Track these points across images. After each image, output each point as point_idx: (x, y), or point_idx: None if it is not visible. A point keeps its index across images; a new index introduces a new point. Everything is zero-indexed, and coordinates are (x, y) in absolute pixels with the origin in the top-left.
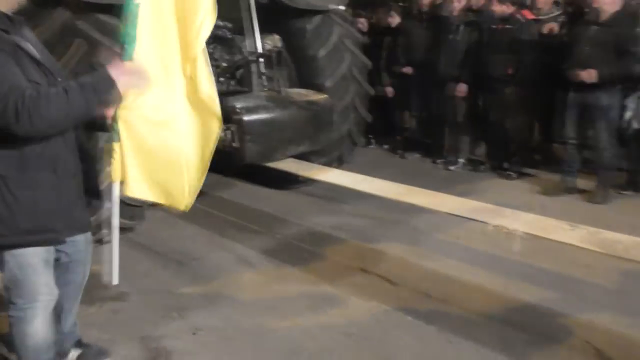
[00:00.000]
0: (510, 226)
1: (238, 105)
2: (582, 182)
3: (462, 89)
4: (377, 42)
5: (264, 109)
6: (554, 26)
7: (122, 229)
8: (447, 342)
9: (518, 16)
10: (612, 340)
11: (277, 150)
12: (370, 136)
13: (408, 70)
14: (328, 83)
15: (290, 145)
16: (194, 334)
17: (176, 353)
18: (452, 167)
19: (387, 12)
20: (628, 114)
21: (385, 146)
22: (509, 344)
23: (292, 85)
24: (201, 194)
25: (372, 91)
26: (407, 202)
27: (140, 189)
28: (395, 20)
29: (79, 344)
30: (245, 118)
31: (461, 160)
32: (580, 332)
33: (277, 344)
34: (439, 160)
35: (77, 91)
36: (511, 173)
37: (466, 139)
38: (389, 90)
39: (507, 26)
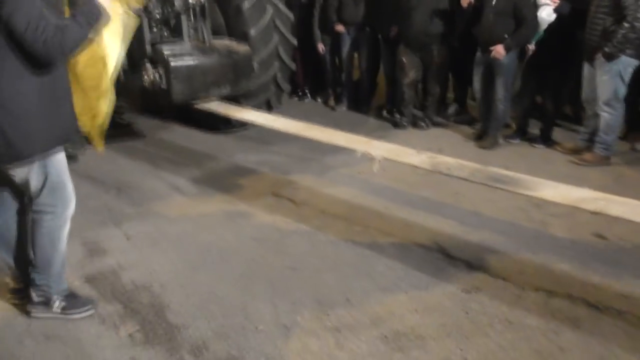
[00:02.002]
0: (373, 152)
1: (166, 51)
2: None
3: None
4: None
5: (189, 55)
6: None
7: (67, 157)
8: (329, 243)
9: None
10: (454, 240)
11: (200, 92)
12: (305, 90)
13: (340, 28)
14: (252, 32)
15: (212, 88)
16: (126, 238)
17: (110, 250)
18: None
19: None
20: None
21: (319, 99)
22: (379, 246)
23: (220, 35)
24: (139, 136)
25: (294, 42)
26: (303, 135)
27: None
28: None
29: (64, 293)
30: (172, 63)
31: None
32: (431, 235)
33: (194, 244)
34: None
35: (83, 20)
36: (423, 123)
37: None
38: (321, 47)
39: None
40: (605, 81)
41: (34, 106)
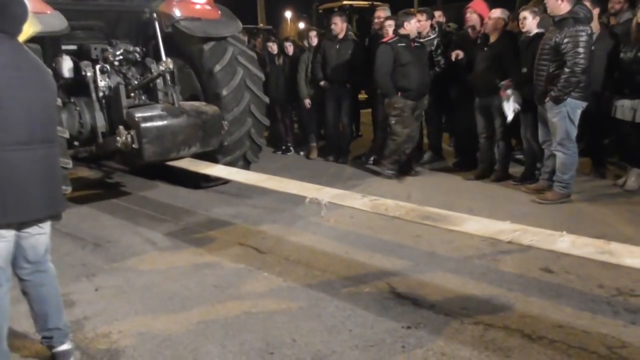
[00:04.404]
0: (320, 197)
1: (137, 114)
2: None
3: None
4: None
5: (159, 117)
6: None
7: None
8: (286, 288)
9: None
10: (405, 280)
11: (170, 151)
12: (288, 144)
13: (325, 84)
14: (224, 92)
15: (183, 147)
16: (96, 290)
17: (78, 302)
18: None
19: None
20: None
21: (302, 153)
22: (333, 288)
23: (195, 97)
24: (125, 193)
25: (266, 99)
26: (261, 186)
27: None
28: (314, 41)
29: None
30: (142, 124)
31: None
32: (384, 276)
33: (158, 294)
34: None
35: None
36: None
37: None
38: (307, 102)
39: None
40: (555, 123)
41: None
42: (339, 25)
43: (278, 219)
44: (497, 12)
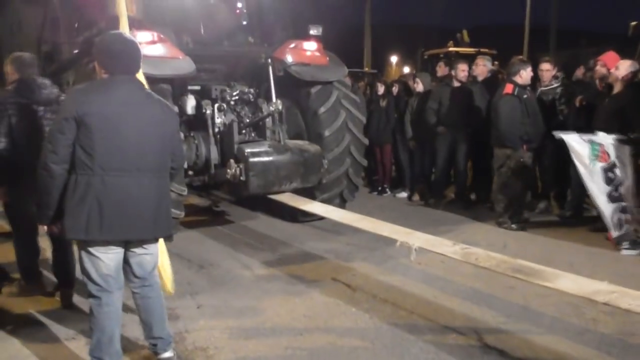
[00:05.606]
0: (411, 242)
1: (246, 149)
2: None
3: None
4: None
5: (265, 153)
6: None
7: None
8: (372, 325)
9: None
10: (494, 330)
11: (273, 185)
12: (385, 186)
13: (443, 130)
14: (326, 132)
15: (285, 182)
16: (198, 307)
17: (181, 317)
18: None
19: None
20: None
21: (398, 195)
22: (419, 330)
23: (300, 136)
24: (229, 222)
25: (366, 141)
26: (354, 226)
27: None
28: (419, 86)
29: None
30: (250, 159)
31: None
32: (473, 324)
33: (253, 317)
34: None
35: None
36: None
37: None
38: (412, 144)
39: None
40: None
41: None
42: (465, 71)
43: (369, 258)
44: (625, 64)
